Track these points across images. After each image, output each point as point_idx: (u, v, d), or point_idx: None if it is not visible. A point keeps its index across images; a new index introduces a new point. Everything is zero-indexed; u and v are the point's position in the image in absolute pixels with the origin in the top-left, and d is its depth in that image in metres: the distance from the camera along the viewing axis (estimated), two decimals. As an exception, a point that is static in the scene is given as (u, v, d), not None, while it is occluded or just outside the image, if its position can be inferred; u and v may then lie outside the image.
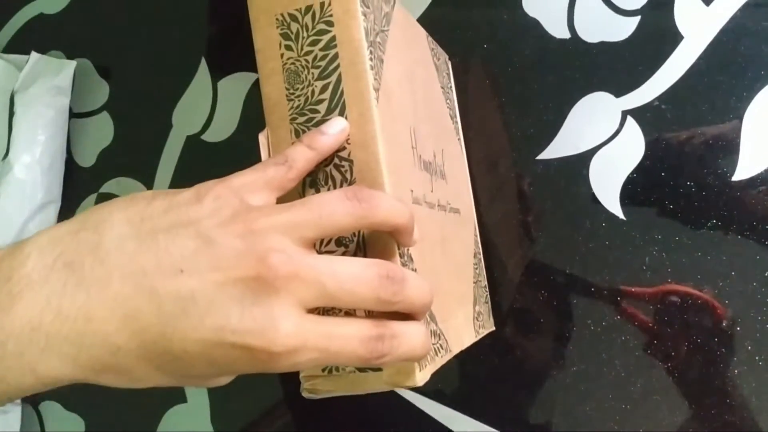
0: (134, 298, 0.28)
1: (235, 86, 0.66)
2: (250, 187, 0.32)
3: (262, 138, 0.40)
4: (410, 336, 0.33)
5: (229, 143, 0.65)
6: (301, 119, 0.39)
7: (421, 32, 0.51)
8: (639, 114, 0.55)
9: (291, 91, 0.40)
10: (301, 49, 0.39)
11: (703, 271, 0.54)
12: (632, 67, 0.55)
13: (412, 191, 0.41)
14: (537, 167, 0.58)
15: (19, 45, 0.73)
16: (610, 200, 0.56)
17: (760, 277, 0.52)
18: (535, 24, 0.58)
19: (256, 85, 0.65)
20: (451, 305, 0.46)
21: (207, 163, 0.66)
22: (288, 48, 0.40)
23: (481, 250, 0.57)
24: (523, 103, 0.58)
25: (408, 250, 0.38)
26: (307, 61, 0.39)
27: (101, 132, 0.70)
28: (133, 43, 0.70)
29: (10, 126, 0.68)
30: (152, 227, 0.29)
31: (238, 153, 0.65)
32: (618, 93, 0.56)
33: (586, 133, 0.56)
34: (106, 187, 0.69)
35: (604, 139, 0.56)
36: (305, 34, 0.39)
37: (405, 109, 0.42)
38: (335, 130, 0.36)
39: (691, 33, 0.54)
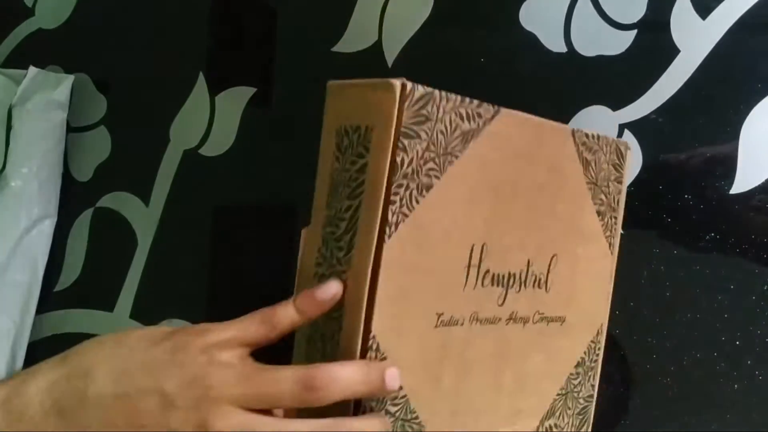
0: None
1: (232, 101, 0.66)
2: (224, 345, 0.38)
3: (303, 233, 0.43)
4: None
5: (227, 158, 0.65)
6: (329, 228, 0.41)
7: (556, 131, 0.49)
8: (636, 127, 0.55)
9: (329, 199, 0.41)
10: (344, 164, 0.41)
11: (701, 285, 0.53)
12: (629, 81, 0.55)
13: (440, 314, 0.42)
14: (534, 181, 0.58)
15: (18, 60, 0.74)
16: (608, 214, 0.55)
17: (759, 290, 0.52)
18: (532, 38, 0.58)
19: (253, 99, 0.65)
20: (482, 423, 0.46)
21: (204, 177, 0.66)
22: (337, 159, 0.41)
23: (597, 358, 0.54)
24: (520, 116, 0.58)
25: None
26: (344, 177, 0.41)
27: (98, 146, 0.70)
28: (131, 58, 0.70)
29: (8, 140, 0.68)
30: (128, 384, 0.36)
31: (235, 167, 0.65)
32: (615, 106, 0.56)
33: (583, 146, 0.56)
34: (103, 202, 0.69)
35: (601, 153, 0.56)
36: (350, 152, 0.40)
37: (464, 229, 0.43)
38: (327, 296, 0.39)
39: (688, 47, 0.54)
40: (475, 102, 0.43)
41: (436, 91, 0.41)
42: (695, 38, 0.54)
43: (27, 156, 0.67)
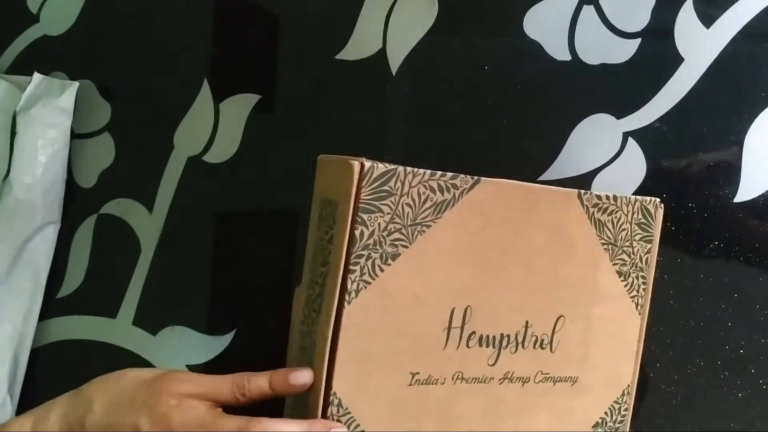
0: None
1: (236, 108, 0.66)
2: (194, 396, 0.44)
3: (296, 291, 0.48)
4: None
5: (231, 165, 0.65)
6: (309, 291, 0.45)
7: (556, 195, 0.49)
8: (640, 135, 0.55)
9: (312, 264, 0.45)
10: (321, 233, 0.45)
11: (705, 294, 0.53)
12: (633, 89, 0.56)
13: (415, 374, 0.45)
14: (538, 188, 0.58)
15: (23, 66, 0.74)
16: (612, 222, 0.55)
17: (763, 299, 0.52)
18: (536, 46, 0.58)
19: (258, 106, 0.65)
20: None
21: (208, 184, 0.66)
22: (318, 227, 0.45)
23: (624, 420, 0.53)
24: (524, 124, 0.58)
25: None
26: (321, 245, 0.44)
27: (102, 153, 0.70)
28: (135, 65, 0.70)
29: (12, 146, 0.68)
30: (114, 416, 0.44)
31: (239, 174, 0.65)
32: (619, 114, 0.56)
33: (587, 154, 0.56)
34: (107, 209, 0.69)
35: (605, 161, 0.56)
36: (325, 223, 0.44)
37: (440, 293, 0.45)
38: (298, 382, 0.44)
39: (692, 55, 0.54)
40: (449, 174, 0.45)
41: (400, 168, 0.43)
42: (699, 47, 0.54)
43: (31, 162, 0.67)
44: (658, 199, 0.52)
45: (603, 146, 0.56)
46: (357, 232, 0.42)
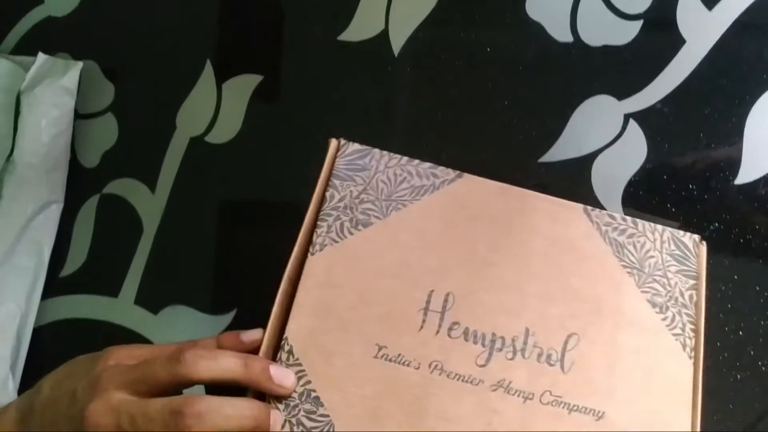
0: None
1: (239, 88, 0.66)
2: (137, 357, 0.43)
3: None
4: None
5: (233, 145, 0.66)
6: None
7: (561, 207, 0.47)
8: (641, 117, 0.55)
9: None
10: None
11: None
12: (635, 71, 0.56)
13: (382, 347, 0.44)
14: (539, 170, 0.58)
15: (27, 47, 0.74)
16: (613, 203, 0.56)
17: (763, 280, 0.52)
18: (539, 28, 0.58)
19: (260, 87, 0.65)
20: None
21: (210, 164, 0.66)
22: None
23: None
24: (525, 105, 0.58)
25: (310, 394, 0.42)
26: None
27: (105, 133, 0.70)
28: (139, 46, 0.70)
29: (16, 126, 0.68)
30: (57, 389, 0.43)
31: (241, 155, 0.65)
32: (620, 96, 0.56)
33: (588, 135, 0.56)
34: (109, 188, 0.69)
35: (606, 142, 0.56)
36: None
37: (418, 272, 0.45)
38: (249, 339, 0.44)
39: (694, 37, 0.54)
40: (428, 164, 0.47)
41: (376, 150, 0.47)
42: (701, 29, 0.54)
43: (35, 142, 0.68)
44: (697, 237, 0.47)
45: (604, 128, 0.56)
46: (328, 194, 0.46)
